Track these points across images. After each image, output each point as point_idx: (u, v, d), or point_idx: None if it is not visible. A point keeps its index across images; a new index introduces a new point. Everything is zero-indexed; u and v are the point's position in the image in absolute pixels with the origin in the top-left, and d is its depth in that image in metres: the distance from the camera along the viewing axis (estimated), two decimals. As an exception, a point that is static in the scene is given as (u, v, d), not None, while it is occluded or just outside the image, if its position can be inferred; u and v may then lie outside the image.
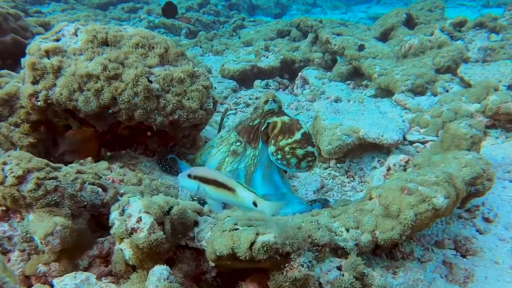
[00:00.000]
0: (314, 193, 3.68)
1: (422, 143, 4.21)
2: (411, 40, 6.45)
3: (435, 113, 4.41)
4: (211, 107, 2.90)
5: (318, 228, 1.88)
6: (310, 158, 2.54)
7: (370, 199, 2.18)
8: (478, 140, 3.04)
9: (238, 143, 2.73)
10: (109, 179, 2.47)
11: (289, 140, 2.52)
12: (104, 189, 2.31)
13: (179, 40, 10.57)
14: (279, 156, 2.54)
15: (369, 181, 3.88)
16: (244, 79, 6.87)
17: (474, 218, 2.76)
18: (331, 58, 7.01)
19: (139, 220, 1.85)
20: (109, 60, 2.73)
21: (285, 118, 2.61)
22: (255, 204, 1.75)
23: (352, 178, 3.97)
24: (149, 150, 3.14)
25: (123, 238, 1.87)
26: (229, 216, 2.15)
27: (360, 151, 4.18)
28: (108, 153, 3.07)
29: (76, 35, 2.87)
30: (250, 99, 6.27)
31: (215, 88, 6.52)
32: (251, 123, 2.73)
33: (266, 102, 2.63)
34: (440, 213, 1.99)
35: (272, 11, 16.87)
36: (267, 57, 7.17)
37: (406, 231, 1.95)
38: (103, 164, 2.70)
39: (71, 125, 3.01)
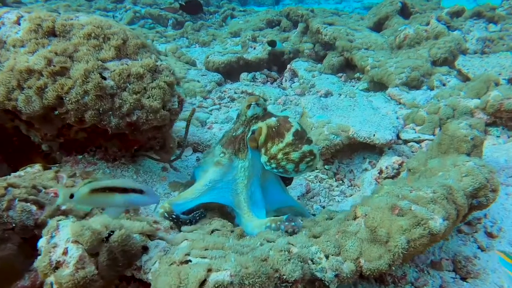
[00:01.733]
0: (298, 199, 3.34)
1: (418, 142, 3.87)
2: (406, 30, 6.09)
3: (432, 109, 4.07)
4: (176, 106, 2.54)
5: (289, 259, 1.53)
6: (308, 159, 2.20)
7: (355, 218, 1.84)
8: (480, 143, 2.70)
9: (221, 155, 2.42)
10: (51, 193, 2.11)
11: (280, 145, 2.19)
12: (40, 206, 1.95)
13: (165, 31, 10.12)
14: (273, 165, 2.23)
15: (360, 185, 3.55)
16: (230, 71, 6.49)
17: (476, 233, 2.43)
18: (322, 49, 6.63)
19: (65, 251, 1.49)
20: (55, 53, 2.35)
21: (271, 121, 2.26)
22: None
23: (341, 181, 3.63)
24: (110, 154, 2.77)
25: (47, 273, 1.51)
26: (186, 239, 1.80)
27: (350, 151, 3.84)
28: (64, 158, 2.72)
29: (19, 24, 2.48)
30: (235, 93, 5.90)
31: (198, 81, 6.16)
32: (234, 134, 2.41)
33: (248, 107, 2.31)
34: (437, 238, 1.65)
35: (265, 0, 16.38)
36: (254, 48, 6.78)
37: (396, 261, 1.61)
38: (49, 174, 2.33)
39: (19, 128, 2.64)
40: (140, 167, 2.85)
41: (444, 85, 5.07)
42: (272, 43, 6.12)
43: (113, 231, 1.63)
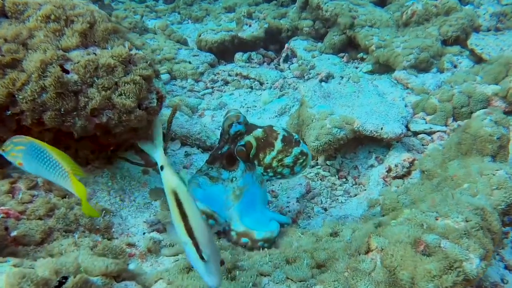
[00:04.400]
0: (297, 201, 3.01)
1: (429, 134, 3.52)
2: (414, 5, 5.59)
3: (444, 96, 3.69)
4: (155, 104, 2.15)
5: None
6: (301, 160, 2.36)
7: (368, 250, 1.50)
8: (507, 142, 2.35)
9: (209, 169, 2.48)
10: (1, 213, 1.76)
11: (272, 154, 2.33)
12: (-14, 234, 1.61)
13: (156, 5, 9.51)
14: (270, 174, 2.39)
15: (365, 183, 3.22)
16: (224, 51, 6.03)
17: (502, 249, 2.12)
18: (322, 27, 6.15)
19: (-2, 314, 1.16)
20: (4, 39, 1.95)
21: (258, 133, 2.36)
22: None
23: (344, 179, 3.30)
24: (80, 157, 2.41)
25: None
26: (161, 279, 1.47)
27: (354, 145, 3.49)
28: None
29: (-38, 4, 2.06)
30: (229, 75, 5.48)
31: (189, 62, 5.71)
32: (220, 152, 2.47)
33: (230, 126, 2.38)
34: (473, 282, 1.33)
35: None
36: (250, 26, 6.28)
37: (423, 313, 1.29)
38: (3, 186, 1.97)
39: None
40: (117, 170, 2.49)
41: (455, 67, 4.67)
42: None
43: (66, 278, 1.29)
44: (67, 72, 1.98)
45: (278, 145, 2.30)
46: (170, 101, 4.31)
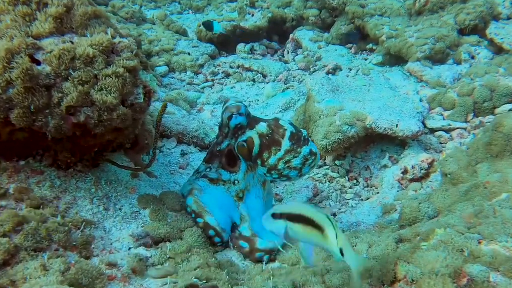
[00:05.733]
0: (303, 205, 2.73)
1: (447, 131, 3.22)
2: (428, -8, 5.26)
3: (464, 90, 3.39)
4: (141, 100, 1.87)
5: None
6: (310, 161, 2.12)
7: (395, 280, 1.23)
8: (545, 143, 2.05)
9: (207, 170, 2.25)
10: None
11: (279, 154, 2.08)
12: None
13: (156, -5, 9.19)
14: (275, 176, 2.14)
15: (378, 185, 2.94)
16: (225, 42, 5.76)
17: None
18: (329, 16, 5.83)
19: None
20: (-36, 25, 1.68)
21: (262, 128, 2.09)
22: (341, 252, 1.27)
23: (355, 181, 3.02)
24: (61, 160, 2.14)
25: None
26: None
27: (365, 143, 3.20)
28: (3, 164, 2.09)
29: None
30: (231, 67, 5.20)
31: (188, 54, 5.41)
32: (218, 148, 2.24)
33: (229, 118, 2.12)
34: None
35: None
36: (252, 15, 5.99)
37: None
38: (-34, 196, 1.71)
39: None
40: (102, 174, 2.22)
41: (473, 57, 4.35)
42: (207, 26, 5.17)
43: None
44: (38, 63, 1.72)
45: (285, 144, 2.04)
46: (167, 95, 4.05)
